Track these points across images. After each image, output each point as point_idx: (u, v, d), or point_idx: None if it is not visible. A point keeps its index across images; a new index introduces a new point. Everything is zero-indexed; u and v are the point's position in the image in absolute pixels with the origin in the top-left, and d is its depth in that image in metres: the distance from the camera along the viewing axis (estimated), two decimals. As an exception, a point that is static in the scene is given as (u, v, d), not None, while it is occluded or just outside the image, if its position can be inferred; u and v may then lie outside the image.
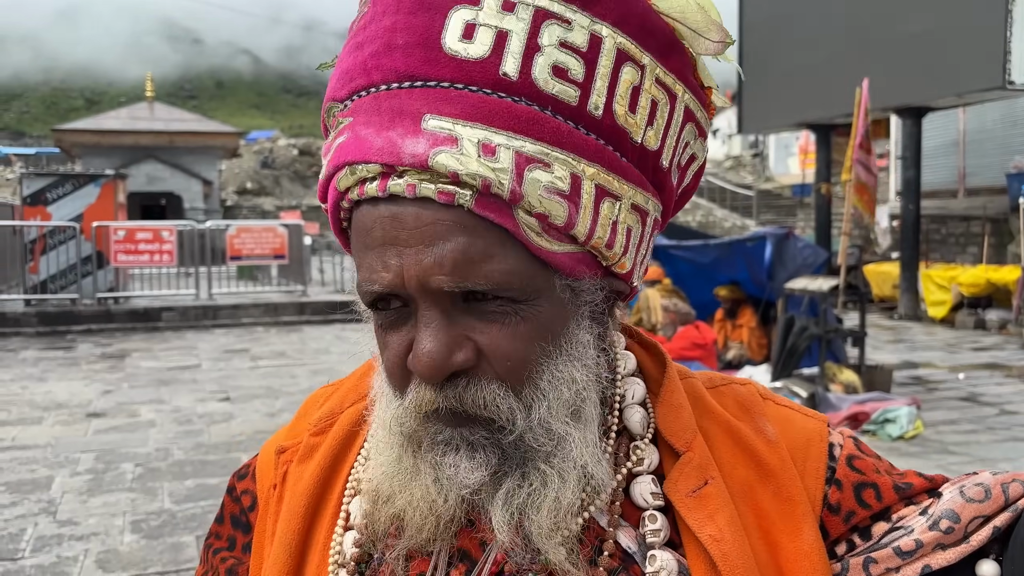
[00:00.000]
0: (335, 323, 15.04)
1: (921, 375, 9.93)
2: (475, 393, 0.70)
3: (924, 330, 14.23)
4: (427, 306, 0.69)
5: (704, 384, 0.87)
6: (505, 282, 0.68)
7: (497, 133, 0.67)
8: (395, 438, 0.75)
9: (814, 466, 0.80)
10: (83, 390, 9.06)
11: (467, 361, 0.70)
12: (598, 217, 0.71)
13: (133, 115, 34.13)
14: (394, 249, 0.68)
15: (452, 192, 0.67)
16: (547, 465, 0.72)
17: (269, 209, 37.40)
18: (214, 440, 6.97)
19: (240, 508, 0.92)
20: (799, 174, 30.21)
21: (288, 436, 0.92)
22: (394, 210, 0.68)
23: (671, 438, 0.79)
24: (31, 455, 6.52)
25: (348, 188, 0.71)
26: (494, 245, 0.68)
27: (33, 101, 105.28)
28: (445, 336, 0.69)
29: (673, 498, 0.76)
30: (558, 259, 0.71)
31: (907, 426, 6.97)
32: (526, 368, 0.71)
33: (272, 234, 16.60)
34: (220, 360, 11.14)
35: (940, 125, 18.37)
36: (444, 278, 0.67)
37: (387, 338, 0.73)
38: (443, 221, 0.67)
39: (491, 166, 0.66)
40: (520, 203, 0.67)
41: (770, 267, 9.18)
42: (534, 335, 0.71)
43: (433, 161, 0.66)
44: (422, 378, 0.70)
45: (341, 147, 0.71)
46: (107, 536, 4.89)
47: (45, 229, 14.51)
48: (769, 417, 0.84)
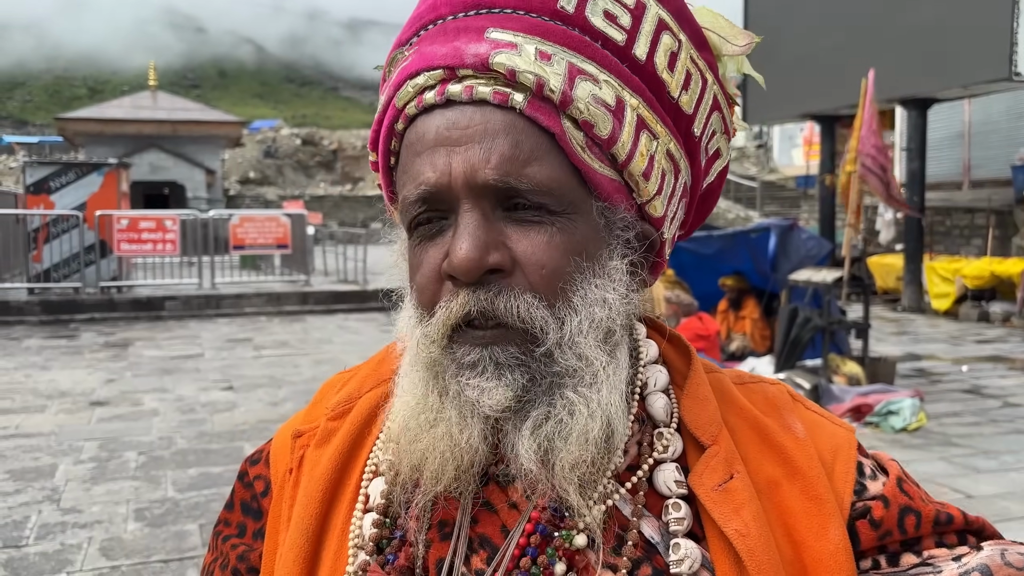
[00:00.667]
0: (338, 313, 15.05)
1: (924, 367, 9.92)
2: (508, 299, 0.71)
3: (928, 322, 14.21)
4: (469, 207, 0.71)
5: (732, 380, 0.87)
6: (546, 186, 0.71)
7: (552, 46, 0.73)
8: (419, 374, 0.76)
9: (842, 470, 0.80)
10: (86, 379, 9.07)
11: (502, 262, 0.71)
12: (637, 144, 0.75)
13: (136, 104, 34.12)
14: (444, 150, 0.72)
15: (507, 93, 0.71)
16: (576, 394, 0.72)
17: (272, 199, 37.39)
18: (217, 429, 6.98)
19: (252, 494, 0.92)
20: (803, 165, 30.13)
21: (305, 421, 0.92)
22: (449, 115, 0.73)
23: (696, 431, 0.79)
24: (35, 443, 6.54)
25: (406, 104, 0.76)
26: (540, 148, 0.72)
27: (36, 90, 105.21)
28: (483, 235, 0.70)
29: (698, 491, 0.75)
30: (597, 178, 0.74)
31: (910, 418, 6.96)
32: (559, 279, 0.72)
33: (275, 224, 16.60)
34: (223, 349, 11.15)
35: (945, 117, 18.29)
36: (490, 172, 0.70)
37: (423, 254, 0.75)
38: (495, 121, 0.71)
39: (546, 68, 0.71)
40: (569, 108, 0.72)
41: (774, 258, 9.16)
42: (569, 248, 0.72)
43: (493, 60, 0.71)
44: (457, 273, 0.70)
45: (404, 68, 0.76)
46: (111, 524, 4.90)
47: (48, 218, 14.52)
48: (799, 417, 0.84)
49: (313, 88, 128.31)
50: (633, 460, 0.78)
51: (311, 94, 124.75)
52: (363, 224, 35.67)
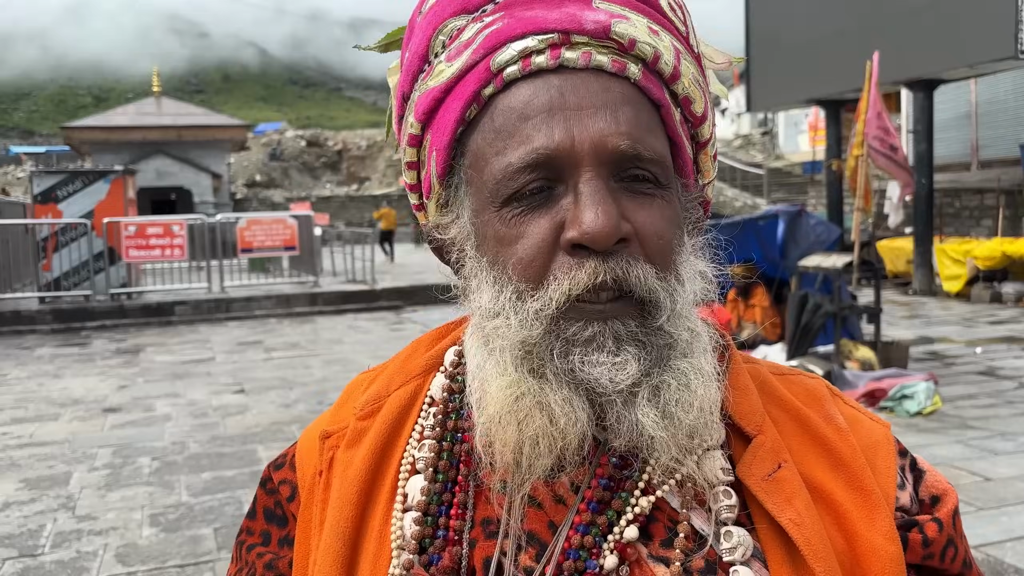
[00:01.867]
0: (347, 313, 15.07)
1: (938, 350, 9.86)
2: (637, 270, 0.70)
3: (940, 305, 14.12)
4: (592, 175, 0.69)
5: (771, 370, 0.86)
6: (664, 157, 0.73)
7: (654, 24, 0.74)
8: (510, 355, 0.71)
9: (884, 465, 0.79)
10: (99, 386, 9.10)
11: (629, 232, 0.70)
12: (714, 126, 0.79)
13: (141, 111, 34.24)
14: (562, 114, 0.70)
15: (625, 62, 0.71)
16: (686, 363, 0.71)
17: (279, 201, 37.47)
18: (230, 432, 6.99)
19: (276, 500, 0.89)
20: (809, 151, 29.99)
21: (332, 421, 0.89)
22: (562, 79, 0.71)
23: (741, 420, 0.77)
24: (49, 451, 6.56)
25: (503, 68, 0.72)
26: (653, 121, 0.73)
27: (42, 100, 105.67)
28: (613, 202, 0.69)
29: (748, 481, 0.74)
30: (684, 155, 0.76)
31: (925, 402, 6.92)
32: (672, 251, 0.73)
33: (282, 226, 16.63)
34: (234, 352, 11.17)
35: (952, 97, 18.17)
36: (621, 138, 0.69)
37: (525, 226, 0.71)
38: (615, 90, 0.71)
39: (659, 42, 0.73)
40: (677, 82, 0.74)
41: (783, 245, 9.11)
42: (674, 220, 0.74)
43: (615, 29, 0.71)
44: (592, 242, 0.68)
45: (496, 32, 0.73)
46: (126, 530, 4.91)
47: (57, 227, 14.58)
48: (838, 410, 0.83)
49: (317, 89, 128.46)
50: None
51: (315, 95, 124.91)
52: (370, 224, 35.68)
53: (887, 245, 16.75)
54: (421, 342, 0.92)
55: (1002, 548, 4.28)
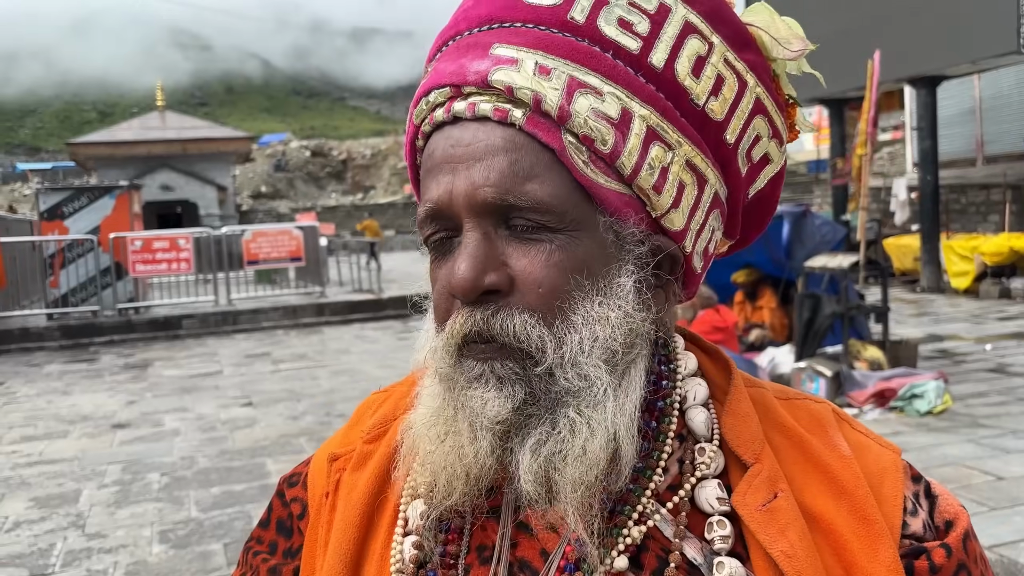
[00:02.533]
0: (354, 323, 15.07)
1: (947, 348, 9.80)
2: (504, 320, 0.71)
3: (948, 302, 14.06)
4: (471, 227, 0.72)
5: (776, 395, 0.84)
6: (545, 204, 0.70)
7: (554, 59, 0.72)
8: (436, 387, 0.76)
9: (890, 494, 0.77)
10: (107, 401, 9.12)
11: (499, 283, 0.71)
12: (646, 156, 0.73)
13: (145, 125, 34.40)
14: (448, 166, 0.73)
15: (506, 109, 0.71)
16: (577, 414, 0.71)
17: (284, 212, 37.56)
18: (238, 446, 6.99)
19: (288, 513, 0.91)
20: (813, 150, 29.92)
21: (341, 443, 0.91)
22: (455, 132, 0.74)
23: (738, 448, 0.77)
24: (58, 469, 6.57)
25: (422, 121, 0.77)
26: (540, 165, 0.71)
27: (47, 116, 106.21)
28: (482, 255, 0.71)
29: (742, 511, 0.73)
30: (603, 193, 0.72)
31: (935, 401, 6.87)
32: (557, 298, 0.71)
33: (288, 237, 16.66)
34: (242, 365, 11.18)
35: (955, 93, 18.10)
36: (489, 189, 0.70)
37: (437, 271, 0.76)
38: (495, 138, 0.71)
39: (543, 83, 0.71)
40: (568, 122, 0.71)
41: (788, 246, 9.07)
42: (569, 266, 0.71)
43: (492, 77, 0.71)
44: (455, 294, 0.71)
45: (421, 87, 0.78)
46: (136, 547, 4.91)
47: (63, 243, 14.63)
48: (843, 437, 0.81)
49: (320, 99, 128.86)
50: (674, 479, 0.77)
51: (318, 106, 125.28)
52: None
53: (893, 243, 16.69)
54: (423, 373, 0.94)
55: (1016, 548, 4.24)
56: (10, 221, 17.98)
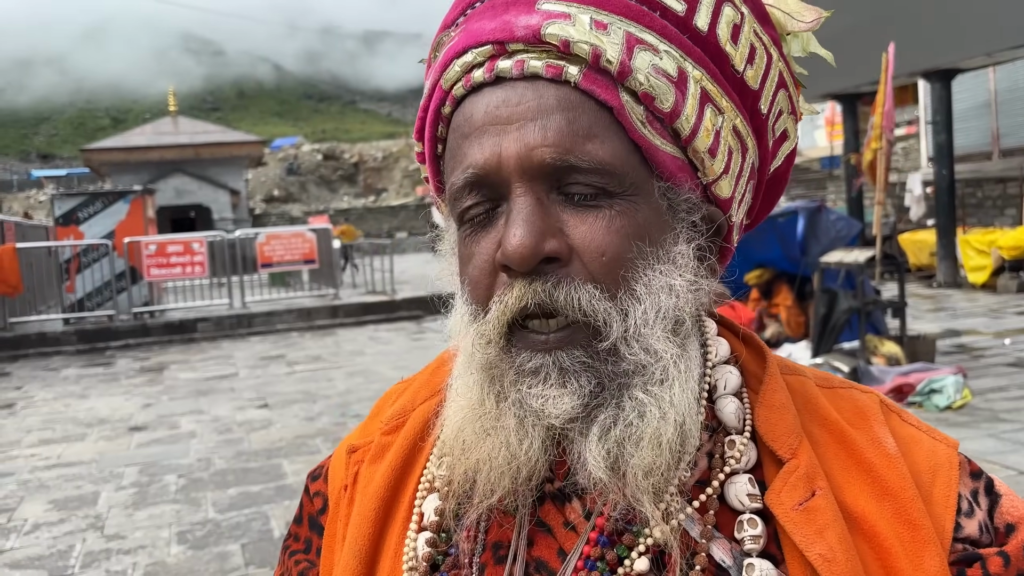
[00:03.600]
0: (368, 324, 15.09)
1: (965, 343, 9.72)
2: (568, 290, 0.66)
3: (965, 297, 13.94)
4: (522, 191, 0.66)
5: (819, 383, 0.79)
6: (608, 165, 0.66)
7: (608, 15, 0.68)
8: (475, 376, 0.71)
9: (942, 494, 0.71)
10: (124, 405, 9.16)
11: (559, 250, 0.66)
12: (702, 119, 0.70)
13: (158, 130, 34.59)
14: (494, 129, 0.67)
15: (560, 66, 0.67)
16: (645, 394, 0.66)
17: (297, 215, 37.70)
18: (255, 447, 7.01)
19: (315, 509, 0.89)
20: (827, 146, 29.78)
21: (360, 435, 0.88)
22: (499, 93, 0.68)
23: (773, 443, 0.71)
24: (77, 471, 6.60)
25: (453, 85, 0.71)
26: (599, 125, 0.67)
27: (61, 123, 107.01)
28: (539, 220, 0.66)
29: (776, 511, 0.68)
30: (659, 156, 0.69)
31: (954, 395, 6.82)
32: (621, 266, 0.67)
33: (301, 239, 16.70)
34: (257, 367, 11.21)
35: (970, 87, 17.96)
36: (547, 150, 0.65)
37: (474, 246, 0.70)
38: (548, 97, 0.67)
39: (603, 38, 0.67)
40: (628, 79, 0.67)
41: (803, 242, 9.02)
42: (630, 232, 0.67)
43: (545, 31, 0.67)
44: (511, 263, 0.65)
45: (450, 48, 0.72)
46: (154, 548, 4.92)
47: (79, 248, 14.71)
48: (892, 431, 0.75)
49: (331, 103, 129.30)
50: (703, 474, 0.71)
51: (330, 109, 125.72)
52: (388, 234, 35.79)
53: (909, 238, 16.57)
54: (449, 354, 0.89)
55: (1040, 543, 4.19)
56: (26, 227, 18.10)
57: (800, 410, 0.74)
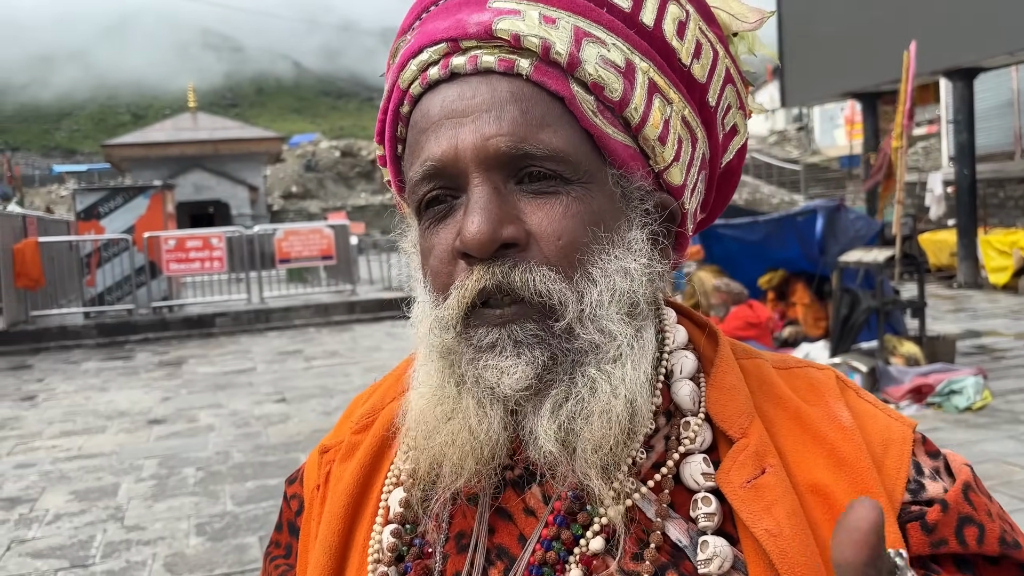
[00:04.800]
0: (385, 320, 15.14)
1: (985, 344, 9.64)
2: (524, 273, 0.68)
3: (986, 297, 13.82)
4: (479, 181, 0.68)
5: (775, 364, 0.81)
6: (562, 152, 0.68)
7: (556, 11, 0.71)
8: (434, 364, 0.73)
9: (893, 465, 0.72)
10: (143, 398, 9.24)
11: (516, 236, 0.68)
12: (651, 108, 0.72)
13: (178, 126, 34.80)
14: (450, 122, 0.70)
15: (512, 60, 0.69)
16: (598, 371, 0.68)
17: (315, 211, 37.81)
18: (272, 441, 7.05)
19: (292, 513, 0.91)
20: (846, 145, 29.58)
21: (332, 436, 0.91)
22: (454, 88, 0.71)
23: (723, 423, 0.73)
24: (97, 463, 6.67)
25: (410, 84, 0.74)
26: (551, 114, 0.69)
27: (82, 119, 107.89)
28: (496, 209, 0.68)
29: (725, 489, 0.70)
30: (611, 144, 0.71)
31: (974, 397, 6.76)
32: (576, 250, 0.69)
33: (319, 236, 16.76)
34: (274, 362, 11.28)
35: (993, 86, 17.80)
36: (502, 139, 0.67)
37: (434, 237, 0.72)
38: (502, 90, 0.69)
39: (551, 31, 0.69)
40: (577, 70, 0.69)
41: (822, 241, 8.97)
42: (586, 218, 0.69)
43: (497, 27, 0.69)
44: (470, 249, 0.67)
45: (406, 50, 0.75)
46: (173, 540, 4.97)
47: (99, 243, 14.85)
48: (848, 405, 0.77)
49: (349, 100, 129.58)
50: (659, 456, 0.73)
51: (347, 106, 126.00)
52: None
53: (929, 238, 16.44)
54: (416, 355, 0.92)
55: (1060, 545, 4.15)
56: (48, 221, 18.27)
57: (754, 391, 0.76)
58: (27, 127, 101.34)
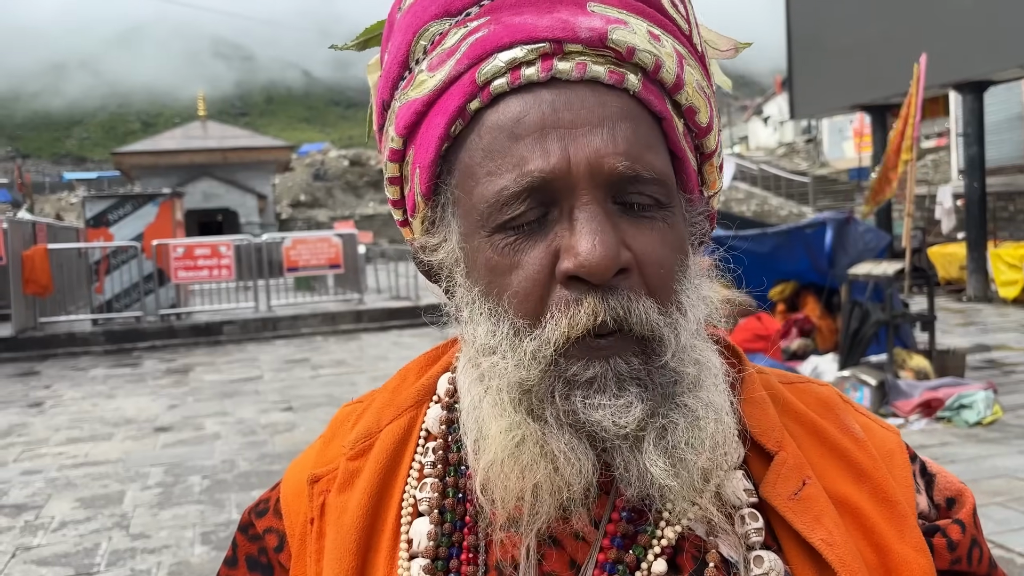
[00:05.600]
0: (392, 329, 15.14)
1: (995, 358, 9.58)
2: (639, 305, 0.64)
3: (996, 311, 13.74)
4: (589, 199, 0.64)
5: (780, 380, 0.81)
6: (665, 176, 0.67)
7: (655, 27, 0.68)
8: (509, 396, 0.66)
9: (901, 474, 0.75)
10: (150, 405, 9.24)
11: (630, 262, 0.64)
12: (720, 136, 0.73)
13: (187, 134, 34.97)
14: (556, 133, 0.64)
15: (622, 74, 0.65)
16: (695, 399, 0.66)
17: (323, 220, 37.90)
18: (278, 450, 7.04)
19: (260, 547, 0.82)
20: (855, 158, 29.52)
21: (319, 462, 0.82)
22: (556, 95, 0.65)
23: (760, 437, 0.73)
24: (103, 470, 6.66)
25: (491, 80, 0.66)
26: (653, 136, 0.67)
27: (93, 127, 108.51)
28: (612, 231, 0.63)
29: (774, 502, 0.69)
30: (688, 168, 0.71)
31: (985, 411, 6.71)
32: (673, 279, 0.67)
33: (327, 244, 16.79)
34: (281, 371, 11.28)
35: (1003, 99, 17.76)
36: (619, 158, 0.64)
37: (519, 255, 0.65)
38: (611, 105, 0.65)
39: (659, 48, 0.67)
40: (680, 92, 0.68)
41: (831, 253, 8.94)
42: (676, 244, 0.68)
43: (612, 36, 0.65)
44: (589, 274, 0.62)
45: (482, 40, 0.66)
46: (178, 548, 4.95)
47: (108, 250, 14.89)
48: (852, 419, 0.79)
49: (359, 109, 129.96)
50: None
51: (357, 115, 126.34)
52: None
53: (939, 251, 16.37)
54: (410, 370, 0.86)
55: (1072, 563, 4.11)
56: (57, 228, 18.36)
57: (774, 405, 0.76)
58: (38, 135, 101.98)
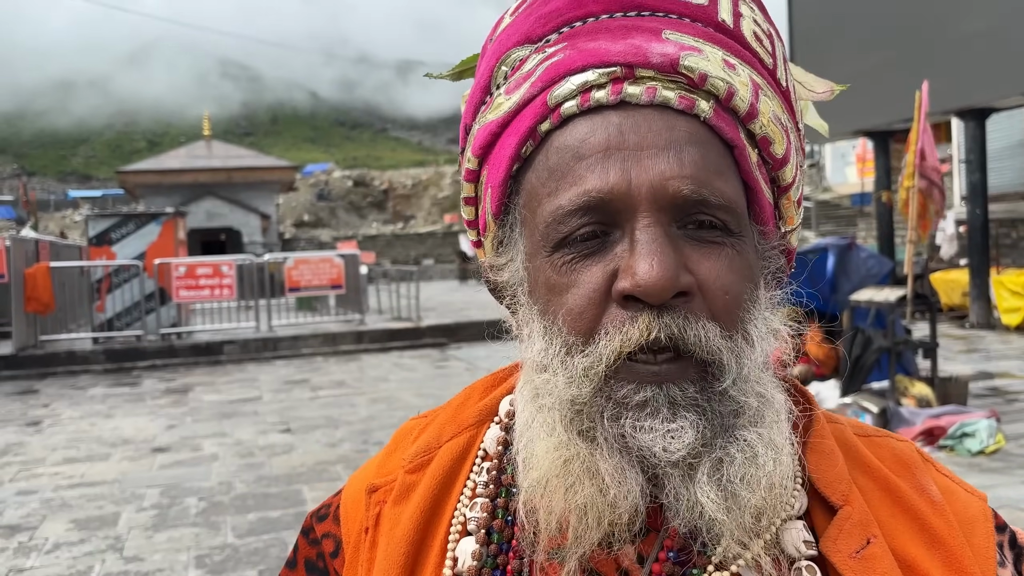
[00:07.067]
0: (393, 351, 15.11)
1: (998, 386, 9.52)
2: (697, 327, 0.63)
3: (999, 339, 13.69)
4: (650, 222, 0.64)
5: (855, 431, 0.78)
6: (734, 203, 0.66)
7: (731, 56, 0.68)
8: (558, 414, 0.66)
9: (983, 544, 0.70)
10: (148, 425, 9.20)
11: (690, 285, 0.64)
12: (797, 171, 0.72)
13: (192, 154, 35.14)
14: (620, 154, 0.65)
15: (693, 99, 0.66)
16: (756, 435, 0.64)
17: (326, 240, 37.98)
18: (275, 472, 6.99)
19: (318, 552, 0.85)
20: (858, 183, 29.58)
21: (379, 473, 0.83)
22: (622, 117, 0.66)
23: (825, 489, 0.70)
24: (99, 491, 6.62)
25: (562, 102, 0.67)
26: (723, 163, 0.67)
27: (99, 145, 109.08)
28: (673, 253, 0.63)
29: (834, 558, 0.66)
30: (763, 201, 0.70)
31: (987, 440, 6.66)
32: (740, 307, 0.66)
33: (329, 264, 16.80)
34: (281, 391, 11.24)
35: (1005, 126, 17.82)
36: (684, 181, 0.64)
37: (577, 274, 0.66)
38: (680, 129, 0.66)
39: (733, 76, 0.67)
40: (753, 122, 0.68)
41: (833, 279, 8.92)
42: (745, 273, 0.67)
43: (684, 62, 0.66)
44: (646, 294, 0.62)
45: (556, 64, 0.68)
46: (172, 572, 4.90)
47: (110, 268, 14.90)
48: (932, 480, 0.75)
49: (363, 130, 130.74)
50: None
51: (361, 136, 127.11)
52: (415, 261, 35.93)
53: (941, 278, 16.35)
54: (475, 389, 0.86)
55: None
56: (60, 247, 18.39)
57: (844, 458, 0.73)
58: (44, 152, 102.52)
